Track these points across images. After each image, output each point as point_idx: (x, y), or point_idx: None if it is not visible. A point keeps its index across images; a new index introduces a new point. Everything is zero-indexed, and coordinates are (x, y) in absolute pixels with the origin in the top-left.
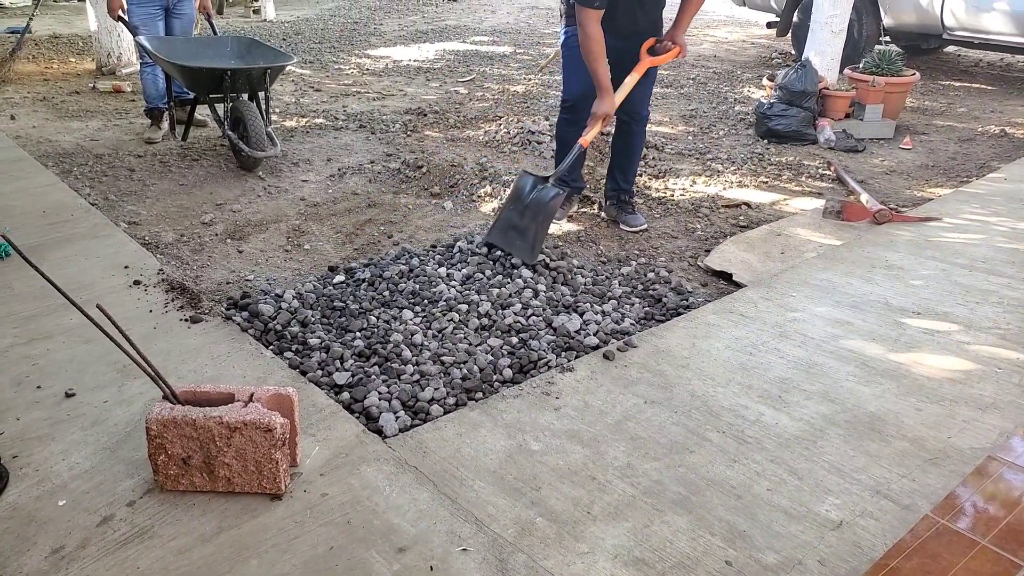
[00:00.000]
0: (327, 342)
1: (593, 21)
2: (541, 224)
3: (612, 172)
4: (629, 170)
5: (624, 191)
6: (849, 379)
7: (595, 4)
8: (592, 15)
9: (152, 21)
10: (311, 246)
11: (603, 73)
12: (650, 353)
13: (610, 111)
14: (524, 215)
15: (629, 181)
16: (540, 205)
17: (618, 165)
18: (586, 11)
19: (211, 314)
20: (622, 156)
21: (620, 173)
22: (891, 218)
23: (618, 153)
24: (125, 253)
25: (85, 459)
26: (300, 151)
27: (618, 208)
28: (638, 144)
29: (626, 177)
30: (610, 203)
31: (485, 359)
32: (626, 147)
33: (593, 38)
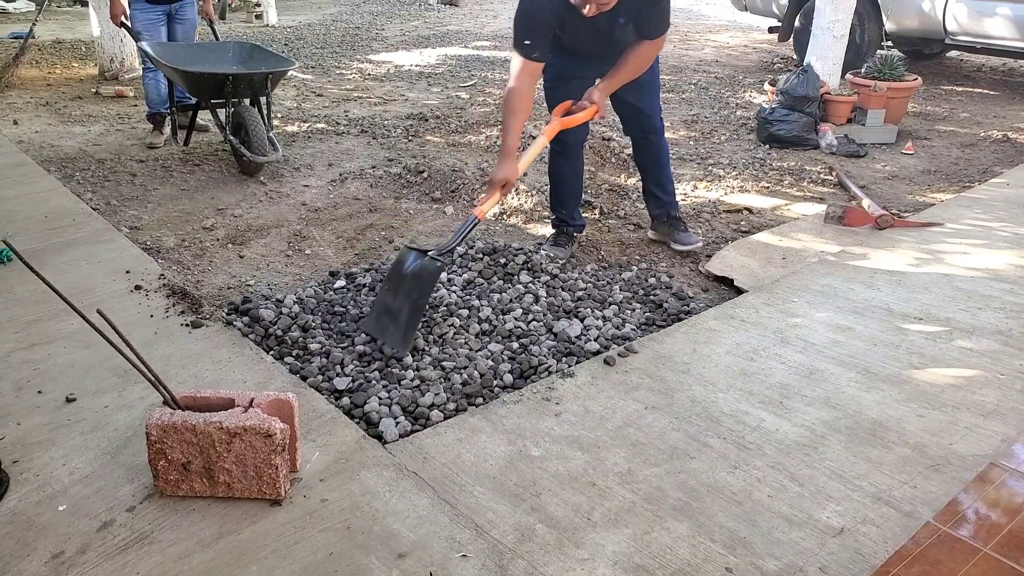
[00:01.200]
0: (328, 347)
1: (527, 73)
2: (415, 305)
3: (648, 191)
4: (666, 181)
5: (669, 205)
6: (850, 385)
7: (532, 55)
8: (527, 67)
9: (154, 27)
10: (312, 251)
11: (513, 132)
12: (651, 359)
13: (511, 178)
14: (398, 295)
15: (670, 193)
16: (416, 282)
17: (652, 180)
18: (520, 60)
19: (212, 319)
20: (652, 170)
21: (657, 188)
22: (893, 223)
23: (647, 168)
24: (126, 258)
25: (85, 464)
26: (302, 156)
27: (669, 226)
28: (663, 153)
29: (665, 189)
30: (657, 223)
31: (485, 364)
32: (652, 160)
33: (518, 92)
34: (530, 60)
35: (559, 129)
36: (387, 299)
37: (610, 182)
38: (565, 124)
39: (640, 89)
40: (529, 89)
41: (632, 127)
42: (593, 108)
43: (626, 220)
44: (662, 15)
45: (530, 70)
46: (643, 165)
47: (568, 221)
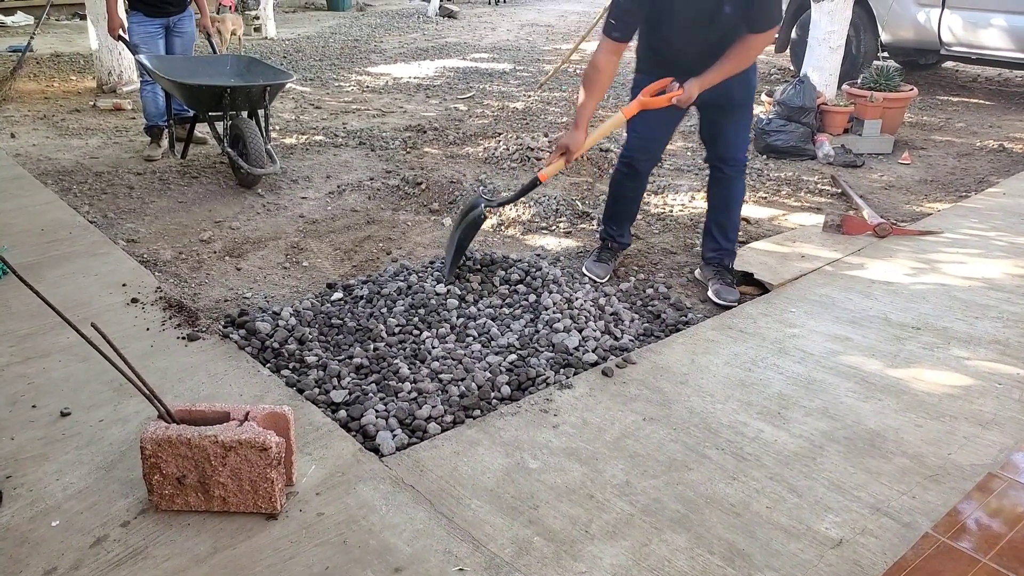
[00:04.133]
0: (324, 360)
1: (607, 51)
2: (460, 244)
3: (709, 230)
4: (730, 225)
5: (725, 253)
6: (849, 395)
7: (613, 34)
8: (608, 45)
9: (152, 40)
10: (309, 263)
11: (588, 106)
12: (649, 370)
13: (574, 147)
14: (456, 233)
15: (731, 240)
16: (465, 225)
17: (715, 220)
18: (604, 39)
19: (208, 332)
20: (719, 209)
21: (718, 230)
22: (891, 232)
23: (714, 206)
24: (123, 271)
25: (79, 479)
26: (300, 168)
27: (715, 274)
28: (737, 194)
29: (726, 235)
30: (707, 265)
31: (483, 376)
32: (722, 198)
33: (596, 67)
34: (611, 39)
35: (640, 109)
36: (453, 232)
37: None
38: (646, 104)
39: (731, 111)
40: (608, 65)
41: (712, 153)
42: (678, 91)
43: None
44: (770, 5)
45: (610, 48)
46: (712, 201)
47: (616, 238)
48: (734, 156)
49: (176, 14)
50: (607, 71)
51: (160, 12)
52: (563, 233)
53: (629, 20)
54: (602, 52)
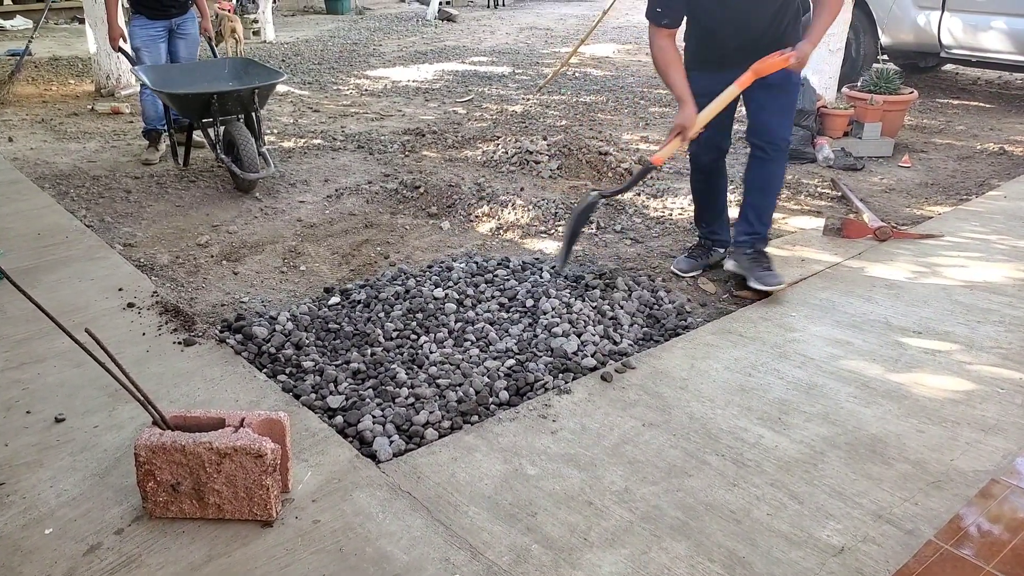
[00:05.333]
0: (321, 365)
1: (661, 38)
2: (573, 231)
3: (744, 212)
4: (765, 210)
5: (758, 237)
6: (850, 400)
7: (662, 21)
8: (660, 32)
9: (154, 43)
10: (307, 267)
11: (678, 81)
12: (648, 375)
13: (688, 124)
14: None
15: (765, 224)
16: (578, 214)
17: (751, 203)
18: (654, 29)
19: (205, 337)
20: (756, 192)
21: (754, 213)
22: (891, 235)
23: (751, 188)
24: (119, 275)
25: (73, 486)
26: (297, 172)
27: (751, 260)
28: (776, 177)
29: (761, 219)
30: (739, 251)
31: (481, 381)
32: (760, 180)
33: (660, 48)
34: (661, 27)
35: (754, 78)
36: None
37: None
38: (761, 71)
39: (778, 89)
40: (670, 45)
41: (753, 132)
42: (792, 53)
43: (623, 234)
44: None
45: (663, 34)
46: (748, 183)
47: (708, 236)
48: (775, 135)
49: (178, 15)
50: (671, 48)
51: (162, 14)
52: (562, 236)
53: (674, 4)
54: (660, 38)
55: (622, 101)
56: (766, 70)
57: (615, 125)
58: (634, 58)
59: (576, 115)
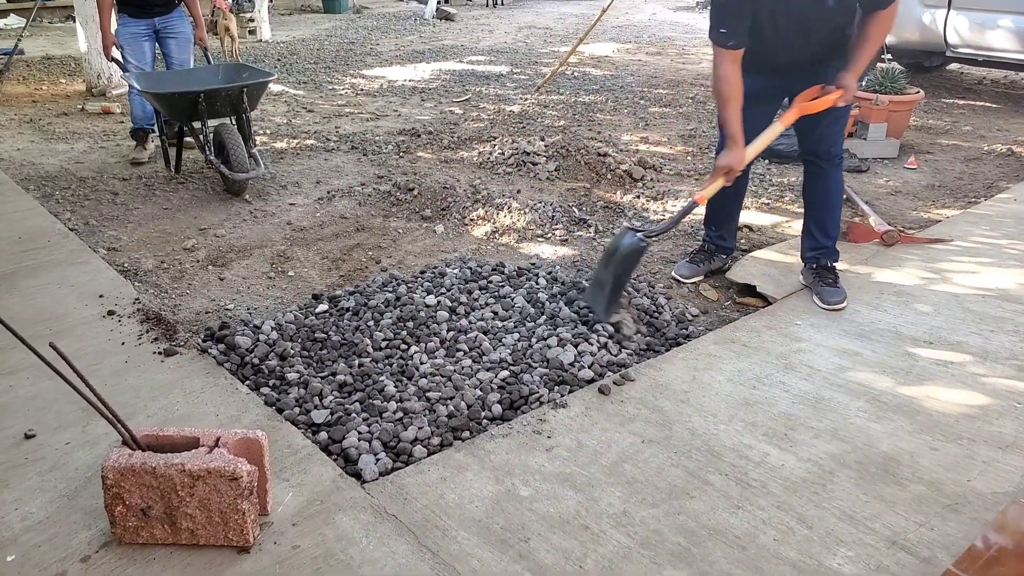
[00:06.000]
0: (306, 377)
1: (728, 61)
2: (618, 280)
3: (807, 227)
4: (829, 222)
5: (824, 252)
6: (859, 415)
7: (728, 43)
8: (727, 55)
9: (137, 41)
10: (295, 272)
11: (733, 119)
12: (648, 387)
13: (736, 165)
14: (607, 269)
15: (831, 237)
16: (621, 259)
17: (813, 218)
18: (720, 51)
19: (186, 346)
20: (817, 207)
21: (817, 227)
22: (899, 239)
23: (812, 203)
24: (101, 281)
25: (40, 508)
26: (289, 173)
27: (816, 276)
28: (835, 189)
29: (826, 232)
30: (807, 268)
31: (473, 395)
32: (820, 194)
33: (725, 79)
34: (728, 49)
35: (799, 115)
36: (600, 271)
37: (605, 199)
38: (806, 109)
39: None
40: (735, 75)
41: (806, 146)
42: (840, 92)
43: None
44: None
45: (731, 57)
46: (808, 198)
47: (715, 241)
48: (828, 150)
49: (162, 15)
50: (736, 81)
51: (145, 12)
52: (559, 241)
53: (738, 24)
54: (727, 64)
55: (621, 101)
56: (811, 108)
57: (614, 125)
58: (633, 57)
59: (575, 115)
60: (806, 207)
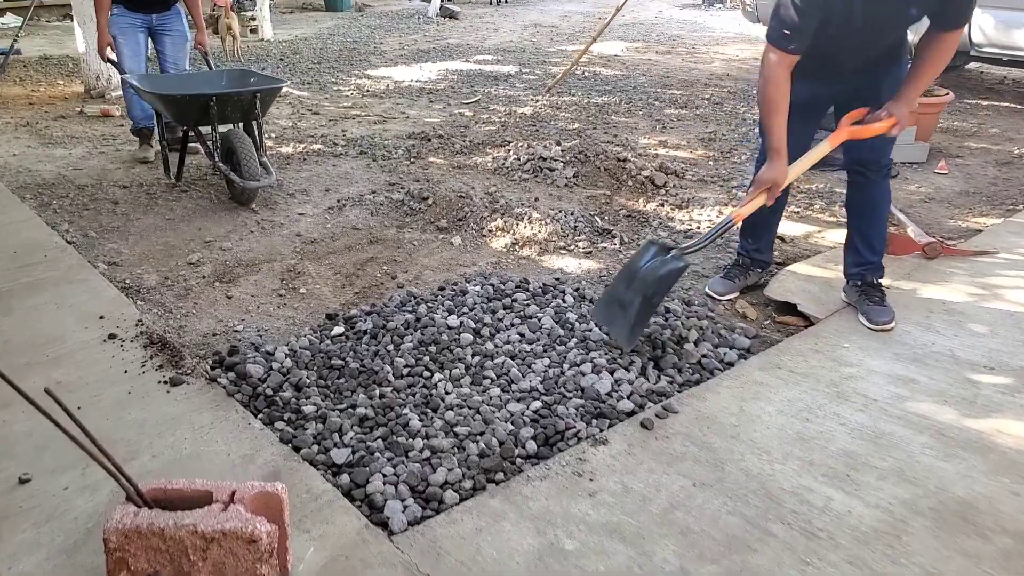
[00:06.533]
0: (324, 410)
1: (784, 66)
2: (647, 301)
3: (850, 242)
4: (874, 235)
5: (870, 268)
6: (925, 452)
7: (789, 47)
8: (784, 59)
9: (132, 32)
10: (307, 289)
11: (779, 129)
12: (693, 420)
13: (780, 180)
14: (631, 288)
15: (876, 252)
16: (652, 278)
17: (857, 230)
18: (778, 54)
19: (194, 375)
20: (861, 217)
21: (861, 241)
22: (941, 252)
23: (857, 216)
24: (101, 300)
25: (35, 566)
26: (296, 180)
27: (860, 293)
28: (882, 200)
29: (871, 246)
30: (851, 284)
31: (505, 429)
32: (864, 206)
33: (775, 83)
34: (786, 53)
35: (847, 139)
36: (620, 289)
37: (628, 207)
38: (855, 133)
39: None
40: (787, 81)
41: (851, 156)
42: (892, 120)
43: None
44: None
45: (788, 62)
46: (852, 209)
47: (751, 254)
48: (877, 159)
49: (160, 11)
50: (788, 86)
51: (143, 7)
52: (583, 253)
53: (806, 28)
54: (781, 68)
55: (636, 102)
56: (860, 133)
57: (631, 128)
58: (643, 57)
59: (588, 117)
60: (850, 219)
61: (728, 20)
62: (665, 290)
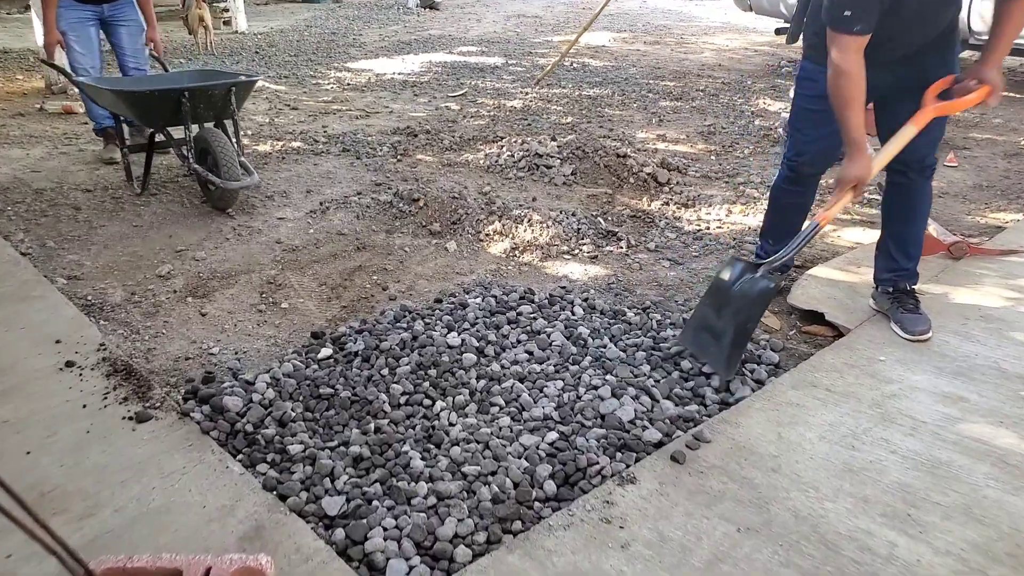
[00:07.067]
0: (312, 449)
1: (852, 51)
2: (743, 328)
3: (884, 245)
4: (911, 241)
5: (903, 274)
6: (990, 485)
7: (855, 28)
8: (851, 43)
9: (83, 26)
10: (290, 304)
11: (857, 122)
12: (728, 451)
13: (865, 177)
14: (722, 313)
15: (911, 258)
16: (745, 302)
17: (892, 233)
18: (843, 39)
19: (163, 408)
20: (898, 220)
21: (896, 245)
22: (968, 251)
23: (891, 216)
24: (59, 321)
25: None
26: (275, 181)
27: (893, 301)
28: (923, 203)
29: (907, 252)
30: (882, 291)
31: (519, 466)
32: (904, 208)
33: (848, 74)
34: (854, 35)
35: (935, 116)
36: (709, 314)
37: (631, 207)
38: (944, 110)
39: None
40: (861, 68)
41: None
42: (985, 88)
43: (658, 253)
44: None
45: (857, 46)
46: (888, 211)
47: (767, 258)
48: (921, 158)
49: (109, 2)
50: (861, 77)
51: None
52: (588, 258)
53: (871, 6)
54: (851, 55)
55: (629, 94)
56: (952, 108)
57: (626, 122)
58: (631, 47)
59: (581, 110)
60: (885, 222)
61: (714, 9)
62: (760, 314)
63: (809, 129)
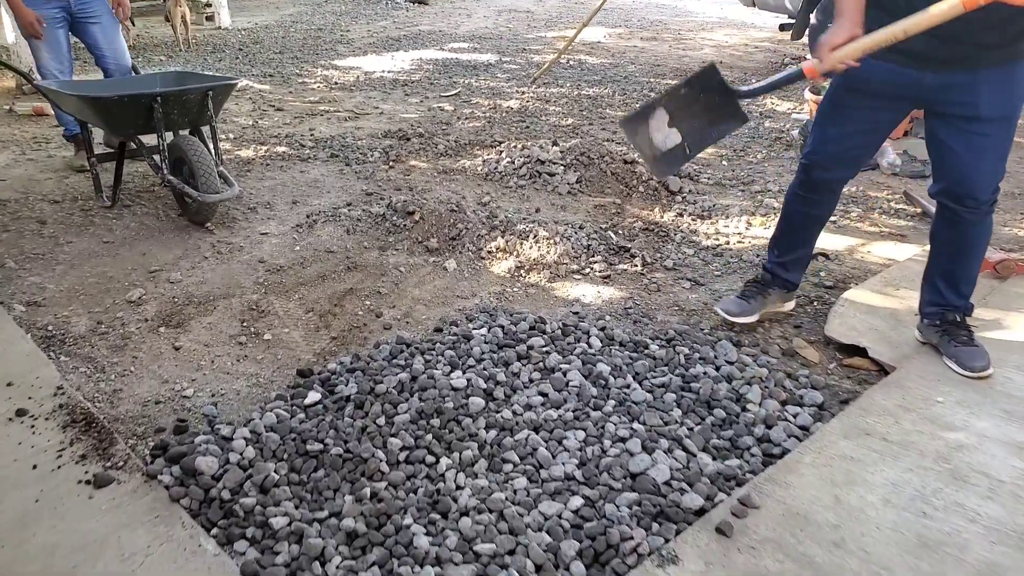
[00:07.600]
0: (298, 523)
1: None
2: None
3: (931, 277)
4: (963, 278)
5: (952, 309)
6: None
7: None
8: None
9: (50, 28)
10: (273, 335)
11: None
12: (780, 519)
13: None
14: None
15: (962, 295)
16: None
17: (940, 269)
18: None
19: (126, 467)
20: (947, 255)
21: (944, 280)
22: (1015, 269)
23: (941, 252)
24: (12, 358)
25: None
26: (259, 191)
27: (942, 333)
28: (976, 241)
29: (956, 288)
30: (928, 323)
31: (539, 541)
32: (953, 244)
33: None
34: None
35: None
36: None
37: (643, 218)
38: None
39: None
40: None
41: (939, 183)
42: None
43: (676, 272)
44: None
45: None
46: (937, 243)
47: (773, 269)
48: (973, 193)
49: None
50: None
51: None
52: (600, 278)
53: None
54: None
55: (630, 94)
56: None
57: None
58: (628, 43)
59: (582, 111)
60: (933, 253)
61: (709, 4)
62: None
63: (828, 125)
